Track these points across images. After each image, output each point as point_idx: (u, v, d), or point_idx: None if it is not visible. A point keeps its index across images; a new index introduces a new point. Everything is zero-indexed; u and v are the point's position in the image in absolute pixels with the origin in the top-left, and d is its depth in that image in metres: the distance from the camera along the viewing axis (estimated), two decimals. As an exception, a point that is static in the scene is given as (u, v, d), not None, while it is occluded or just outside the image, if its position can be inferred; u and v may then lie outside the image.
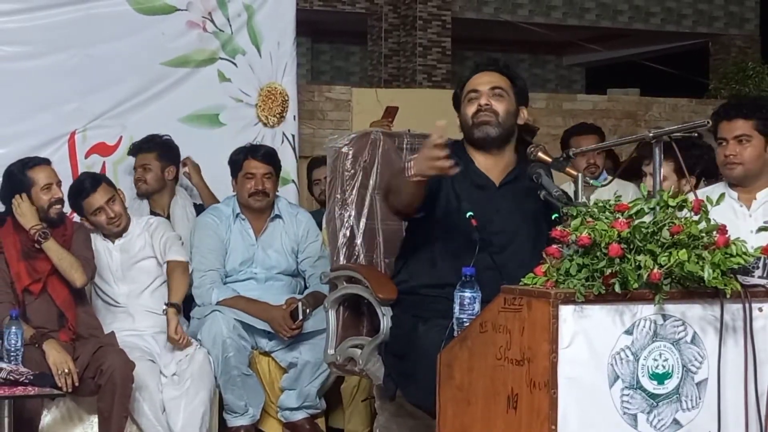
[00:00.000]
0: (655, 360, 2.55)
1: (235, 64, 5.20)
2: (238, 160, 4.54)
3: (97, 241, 4.30)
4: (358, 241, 3.57)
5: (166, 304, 4.23)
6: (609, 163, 5.21)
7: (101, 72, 4.90)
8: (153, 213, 4.73)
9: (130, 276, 4.31)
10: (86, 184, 4.30)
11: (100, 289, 4.34)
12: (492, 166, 3.31)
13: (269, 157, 4.54)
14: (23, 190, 4.01)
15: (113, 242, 4.34)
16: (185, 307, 4.37)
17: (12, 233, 4.01)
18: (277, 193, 4.62)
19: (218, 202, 4.76)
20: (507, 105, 3.29)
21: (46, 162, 4.15)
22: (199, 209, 4.81)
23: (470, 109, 3.29)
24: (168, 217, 4.73)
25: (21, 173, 4.05)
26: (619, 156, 5.71)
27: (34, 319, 3.93)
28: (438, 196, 3.25)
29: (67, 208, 4.25)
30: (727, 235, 2.56)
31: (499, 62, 3.44)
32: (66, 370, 3.70)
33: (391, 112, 5.48)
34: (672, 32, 12.80)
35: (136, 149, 4.83)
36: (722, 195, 2.85)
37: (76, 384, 3.74)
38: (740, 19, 12.74)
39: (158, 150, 4.79)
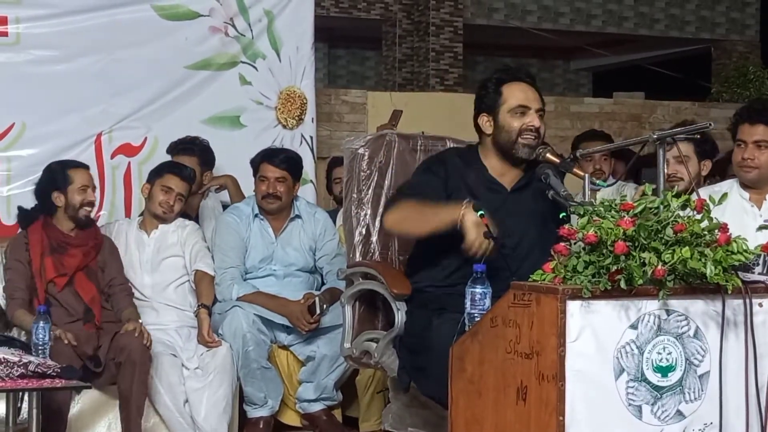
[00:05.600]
0: (659, 353, 2.58)
1: (255, 68, 5.26)
2: (255, 163, 4.60)
3: (131, 233, 4.38)
4: (374, 238, 3.60)
5: (198, 305, 4.30)
6: (621, 166, 5.28)
7: (126, 75, 4.98)
8: (182, 212, 4.72)
9: (158, 269, 4.37)
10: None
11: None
12: (505, 172, 3.36)
13: (286, 161, 4.55)
14: (59, 187, 4.12)
15: (148, 235, 4.41)
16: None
17: (40, 230, 4.11)
18: (297, 194, 4.66)
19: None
20: (544, 126, 3.35)
21: (85, 166, 4.27)
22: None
23: (517, 124, 3.28)
24: (197, 216, 4.78)
25: (62, 171, 4.16)
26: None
27: (61, 309, 4.02)
28: (450, 195, 3.29)
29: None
30: (728, 233, 2.59)
31: (532, 75, 3.42)
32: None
33: (395, 116, 5.57)
34: (675, 38, 12.74)
35: (175, 149, 4.80)
36: (725, 195, 2.89)
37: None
38: (741, 25, 12.71)
39: (200, 155, 4.78)
